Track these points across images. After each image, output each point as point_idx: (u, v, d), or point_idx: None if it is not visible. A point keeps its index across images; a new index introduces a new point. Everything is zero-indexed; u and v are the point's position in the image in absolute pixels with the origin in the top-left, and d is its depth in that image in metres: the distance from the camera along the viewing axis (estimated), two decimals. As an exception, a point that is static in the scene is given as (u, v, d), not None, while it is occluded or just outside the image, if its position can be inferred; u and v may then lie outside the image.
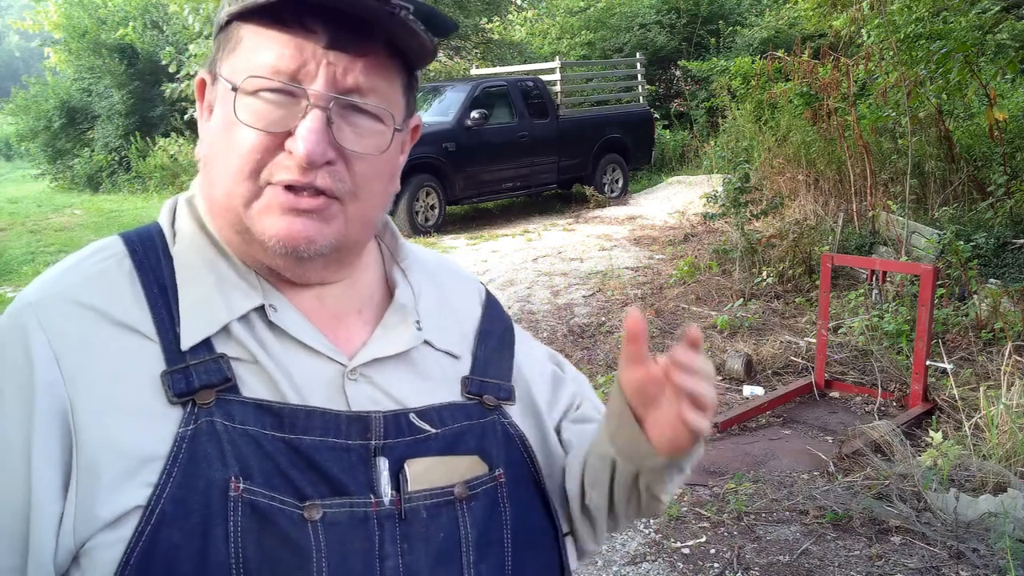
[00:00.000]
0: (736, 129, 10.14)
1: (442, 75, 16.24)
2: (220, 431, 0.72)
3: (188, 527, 0.69)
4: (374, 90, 0.77)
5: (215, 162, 0.78)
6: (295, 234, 0.76)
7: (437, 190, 9.76)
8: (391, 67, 0.79)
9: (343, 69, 0.75)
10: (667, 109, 15.48)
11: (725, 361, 4.99)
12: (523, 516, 0.83)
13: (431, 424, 0.80)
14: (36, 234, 11.15)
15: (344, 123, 0.76)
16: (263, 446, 0.73)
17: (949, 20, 6.31)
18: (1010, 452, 3.46)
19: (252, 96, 0.75)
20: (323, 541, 0.72)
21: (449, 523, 0.78)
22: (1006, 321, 4.75)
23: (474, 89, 10.55)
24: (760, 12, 16.61)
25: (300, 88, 0.74)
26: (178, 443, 0.71)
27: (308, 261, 0.78)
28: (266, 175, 0.75)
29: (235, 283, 0.79)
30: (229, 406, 0.74)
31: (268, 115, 0.75)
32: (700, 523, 3.37)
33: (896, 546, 3.12)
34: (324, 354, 0.79)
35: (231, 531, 0.69)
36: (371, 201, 0.80)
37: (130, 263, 0.79)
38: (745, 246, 6.75)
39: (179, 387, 0.73)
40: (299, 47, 0.74)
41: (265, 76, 0.75)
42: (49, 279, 0.79)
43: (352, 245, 0.82)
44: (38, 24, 17.76)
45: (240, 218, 0.77)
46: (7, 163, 27.88)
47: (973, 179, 7.27)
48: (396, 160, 0.84)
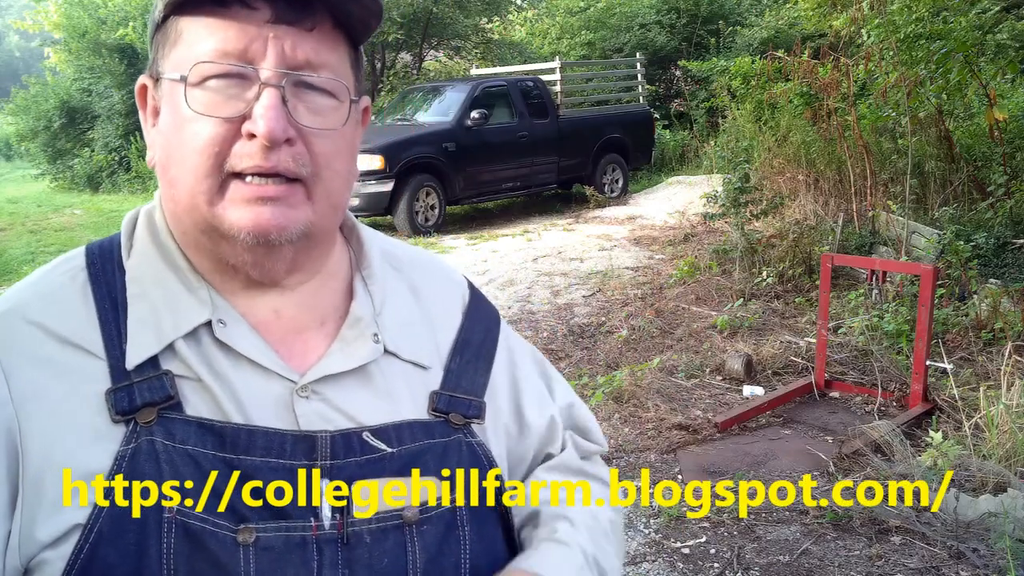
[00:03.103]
0: (736, 129, 10.14)
1: (442, 75, 16.26)
2: (160, 450, 0.71)
3: (123, 547, 0.68)
4: (325, 64, 0.75)
5: (172, 163, 0.75)
6: (263, 223, 0.74)
7: (437, 190, 9.76)
8: (338, 40, 0.77)
9: (291, 44, 0.73)
10: (667, 109, 15.47)
11: (725, 361, 4.99)
12: (483, 540, 0.80)
13: (387, 443, 0.77)
14: (36, 234, 11.15)
15: (298, 101, 0.74)
16: (202, 466, 0.71)
17: (949, 20, 6.31)
18: (1010, 452, 3.46)
19: (200, 87, 0.73)
20: (253, 566, 0.70)
21: (396, 548, 0.75)
22: (1006, 321, 4.75)
23: (474, 89, 10.55)
24: (760, 12, 16.61)
25: (250, 68, 0.72)
26: (118, 462, 0.70)
27: (278, 250, 0.76)
28: (228, 167, 0.73)
29: (184, 298, 0.77)
30: (171, 424, 0.72)
31: (221, 103, 0.73)
32: (700, 523, 3.37)
33: (896, 546, 3.12)
34: (273, 371, 0.77)
35: (164, 552, 0.68)
36: (335, 181, 0.78)
37: (86, 278, 0.78)
38: (745, 246, 6.75)
39: (122, 405, 0.72)
40: (242, 27, 0.72)
41: (212, 60, 0.72)
42: (9, 294, 0.78)
43: (320, 232, 0.79)
44: (38, 24, 17.76)
45: (205, 217, 0.75)
46: (7, 163, 27.87)
47: (973, 179, 7.26)
48: (355, 139, 0.81)
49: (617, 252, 8.38)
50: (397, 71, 16.03)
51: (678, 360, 5.11)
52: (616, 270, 7.52)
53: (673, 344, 5.48)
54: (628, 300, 6.54)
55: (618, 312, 6.20)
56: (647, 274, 7.42)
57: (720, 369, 4.98)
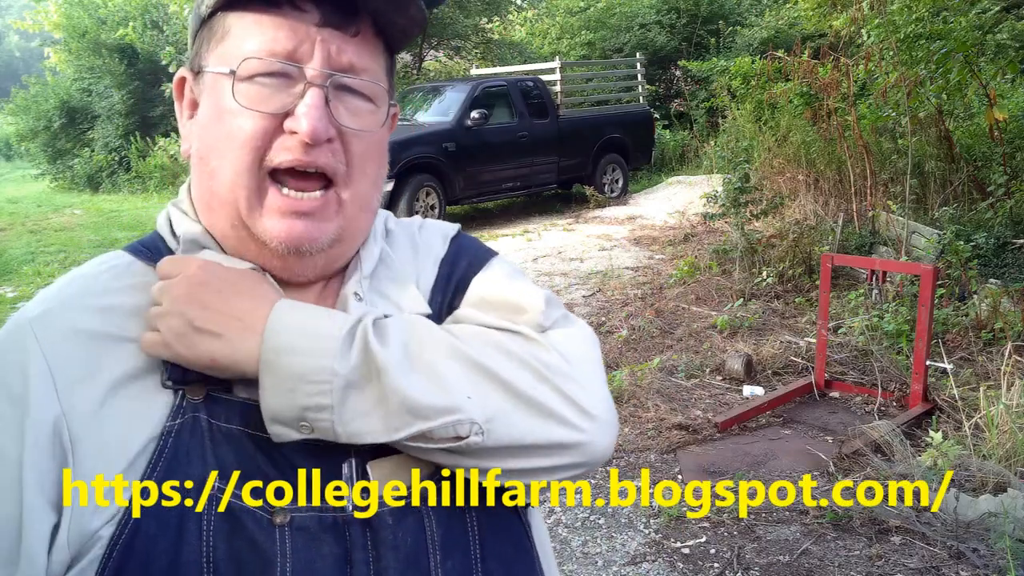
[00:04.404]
0: (736, 129, 10.14)
1: (442, 75, 16.26)
2: (204, 428, 0.72)
3: (165, 521, 0.69)
4: (366, 69, 0.78)
5: (213, 155, 0.77)
6: (296, 235, 0.76)
7: (437, 190, 9.76)
8: (377, 47, 0.79)
9: (337, 48, 0.75)
10: (667, 109, 15.48)
11: (725, 361, 4.99)
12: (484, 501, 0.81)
13: None
14: (36, 234, 11.15)
15: (339, 103, 0.76)
16: (245, 446, 0.73)
17: (949, 20, 6.31)
18: (1010, 452, 3.46)
19: (247, 82, 0.75)
20: (289, 546, 0.71)
21: (415, 526, 0.76)
22: (1006, 321, 4.75)
23: (474, 89, 10.55)
24: (760, 12, 16.62)
25: (297, 68, 0.74)
26: (164, 436, 0.71)
27: (308, 259, 0.78)
28: (268, 161, 0.75)
29: None
30: (216, 404, 0.74)
31: (266, 98, 0.74)
32: (700, 523, 3.37)
33: (896, 546, 3.12)
34: None
35: (204, 530, 0.70)
36: (365, 182, 0.80)
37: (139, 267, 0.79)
38: (745, 246, 6.76)
39: (175, 374, 0.73)
40: (292, 27, 0.74)
41: (262, 57, 0.74)
42: (50, 293, 0.78)
43: (349, 236, 0.81)
44: (38, 24, 17.77)
45: (240, 214, 0.76)
46: (7, 163, 27.88)
47: (973, 179, 7.26)
48: (386, 142, 0.84)
49: (617, 252, 8.38)
50: (397, 71, 16.00)
51: (678, 360, 5.11)
52: (616, 270, 7.52)
53: (673, 344, 5.48)
54: (628, 300, 6.54)
55: (618, 312, 6.20)
56: (647, 274, 7.42)
57: (720, 369, 4.98)
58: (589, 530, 3.37)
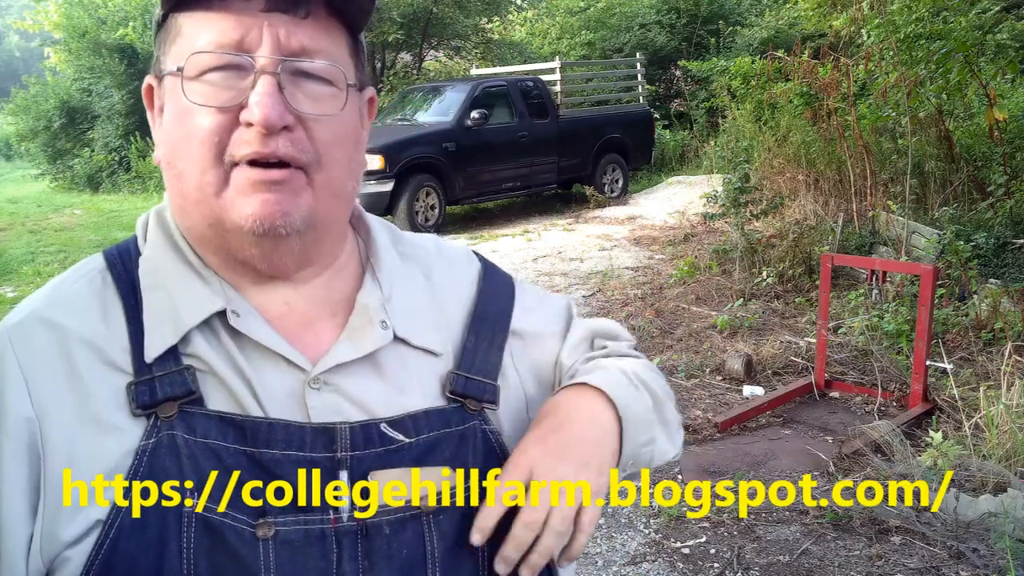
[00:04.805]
0: (736, 129, 10.14)
1: (442, 75, 16.26)
2: (180, 444, 0.71)
3: (145, 540, 0.69)
4: (321, 51, 0.75)
5: (177, 157, 0.76)
6: (268, 209, 0.73)
7: (437, 190, 9.76)
8: (333, 28, 0.77)
9: (286, 32, 0.73)
10: (667, 109, 15.47)
11: (725, 361, 4.99)
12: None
13: (405, 433, 0.77)
14: (36, 234, 11.15)
15: (296, 89, 0.74)
16: (223, 460, 0.72)
17: (949, 20, 6.31)
18: (1010, 452, 3.46)
19: (198, 80, 0.74)
20: (273, 560, 0.70)
21: (414, 538, 0.75)
22: (1006, 321, 4.75)
23: (474, 89, 10.55)
24: (760, 12, 16.61)
25: (246, 57, 0.73)
26: (139, 456, 0.71)
27: (284, 242, 0.76)
28: (229, 156, 0.73)
29: (198, 288, 0.77)
30: (192, 419, 0.72)
31: (219, 93, 0.73)
32: (700, 523, 3.37)
33: (896, 546, 3.12)
34: (287, 359, 0.77)
35: (184, 546, 0.69)
36: (336, 169, 0.77)
37: (109, 278, 0.79)
38: (745, 246, 6.76)
39: (143, 399, 0.72)
40: (237, 17, 0.73)
41: (209, 51, 0.73)
42: (28, 301, 0.79)
43: (325, 222, 0.79)
44: (38, 24, 17.76)
45: (213, 210, 0.75)
46: (7, 163, 27.87)
47: (973, 179, 7.26)
48: (356, 126, 0.81)
49: (617, 252, 8.38)
50: (397, 71, 16.01)
51: (678, 360, 5.11)
52: (616, 270, 7.52)
53: (673, 344, 5.48)
54: (628, 300, 6.54)
55: (618, 312, 6.20)
56: (647, 274, 7.42)
57: (720, 369, 4.98)
58: (589, 530, 3.36)
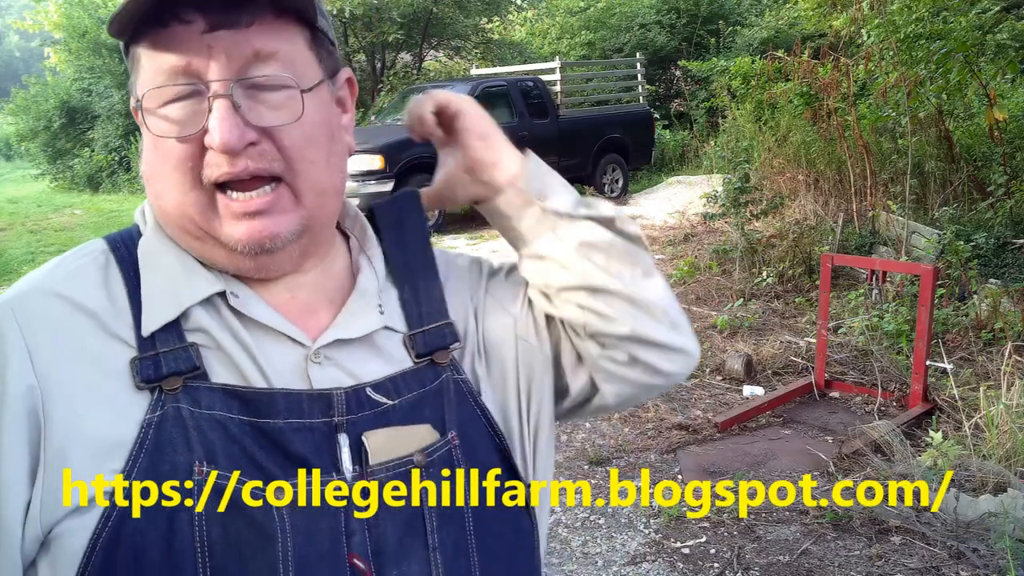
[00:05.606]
0: (736, 129, 10.14)
1: (442, 75, 16.26)
2: (186, 417, 0.73)
3: (154, 512, 0.70)
4: (272, 55, 0.75)
5: (155, 178, 0.78)
6: (256, 235, 0.76)
7: (437, 190, 9.75)
8: (284, 28, 0.76)
9: (232, 48, 0.73)
10: (667, 109, 15.48)
11: (725, 361, 4.99)
12: (480, 474, 0.83)
13: (387, 396, 0.80)
14: (36, 234, 11.15)
15: (253, 102, 0.75)
16: (229, 430, 0.73)
17: (949, 20, 6.31)
18: (1010, 452, 3.46)
19: (159, 111, 0.75)
20: (287, 522, 0.72)
21: (411, 493, 0.78)
22: (1006, 321, 4.75)
23: (474, 89, 10.55)
24: (760, 12, 16.62)
25: (199, 84, 0.74)
26: (144, 429, 0.72)
27: (280, 253, 0.78)
28: (206, 178, 0.75)
29: (197, 269, 0.79)
30: (196, 392, 0.74)
31: (180, 122, 0.74)
32: (700, 523, 3.37)
33: (896, 546, 3.12)
34: (288, 336, 0.79)
35: (195, 515, 0.70)
36: (312, 169, 0.78)
37: (112, 258, 0.80)
38: (745, 246, 6.75)
39: (147, 373, 0.74)
40: (181, 43, 0.73)
41: (161, 85, 0.74)
42: (28, 277, 0.80)
43: (317, 224, 0.81)
44: (38, 24, 17.76)
45: (199, 226, 0.77)
46: (7, 163, 27.88)
47: (973, 179, 7.27)
48: (327, 120, 0.81)
49: (617, 252, 8.37)
50: (397, 71, 16.01)
51: (678, 360, 5.10)
52: (616, 270, 7.50)
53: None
54: (628, 300, 6.53)
55: (618, 312, 6.19)
56: (647, 274, 7.40)
57: (720, 369, 4.98)
58: (589, 530, 3.37)
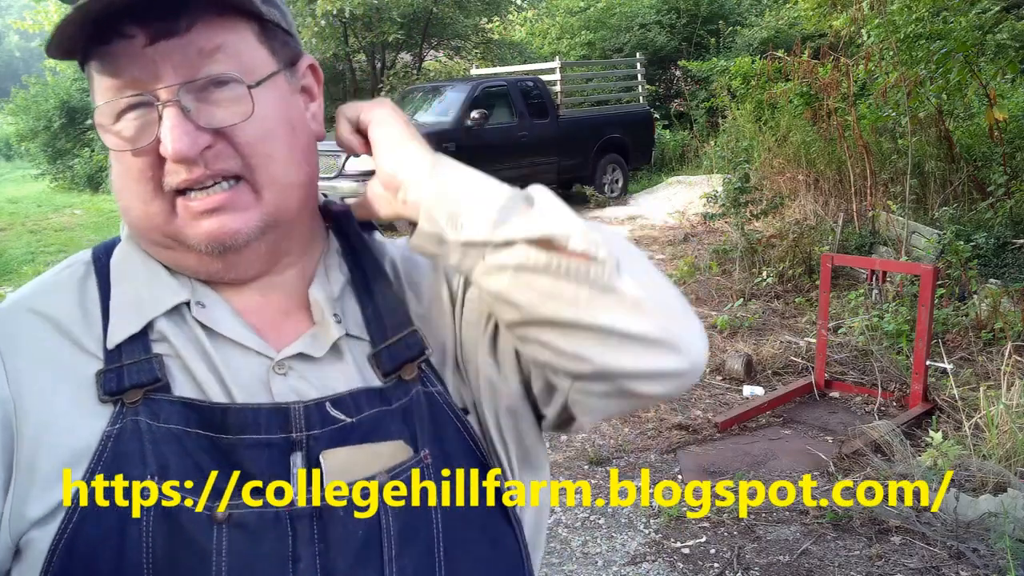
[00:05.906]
0: (736, 129, 10.14)
1: (442, 75, 16.25)
2: (144, 430, 0.73)
3: (106, 525, 0.70)
4: (215, 50, 0.74)
5: (121, 192, 0.79)
6: (215, 232, 0.75)
7: (437, 190, 9.74)
8: (226, 25, 0.75)
9: (175, 53, 0.73)
10: (667, 109, 15.46)
11: (725, 361, 4.99)
12: (455, 493, 0.78)
13: (347, 413, 0.76)
14: (36, 234, 11.15)
15: (204, 104, 0.74)
16: (184, 444, 0.73)
17: (949, 20, 6.31)
18: (1010, 452, 3.46)
19: (114, 127, 0.75)
20: (226, 543, 0.70)
21: (370, 519, 0.74)
22: (1006, 321, 4.75)
23: (474, 89, 10.55)
24: (760, 12, 16.61)
25: (147, 95, 0.73)
26: (104, 441, 0.72)
27: (246, 251, 0.77)
28: (167, 185, 0.75)
29: (165, 280, 0.79)
30: (156, 405, 0.74)
31: (134, 135, 0.75)
32: (700, 523, 3.37)
33: (896, 546, 3.12)
34: (252, 348, 0.78)
35: (143, 530, 0.70)
36: (271, 164, 0.77)
37: (92, 270, 0.82)
38: (745, 246, 6.75)
39: (110, 386, 0.74)
40: (125, 57, 0.73)
41: (111, 100, 0.75)
42: (17, 291, 0.82)
43: (286, 216, 0.79)
44: (38, 24, 17.73)
45: (165, 234, 0.77)
46: (7, 163, 27.85)
47: (973, 179, 7.26)
48: (285, 112, 0.79)
49: (617, 252, 8.37)
50: (397, 71, 15.99)
51: (678, 360, 5.10)
52: (616, 270, 7.50)
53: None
54: (628, 300, 6.53)
55: (618, 312, 6.19)
56: (647, 274, 7.40)
57: (720, 369, 4.98)
58: (589, 530, 3.37)
